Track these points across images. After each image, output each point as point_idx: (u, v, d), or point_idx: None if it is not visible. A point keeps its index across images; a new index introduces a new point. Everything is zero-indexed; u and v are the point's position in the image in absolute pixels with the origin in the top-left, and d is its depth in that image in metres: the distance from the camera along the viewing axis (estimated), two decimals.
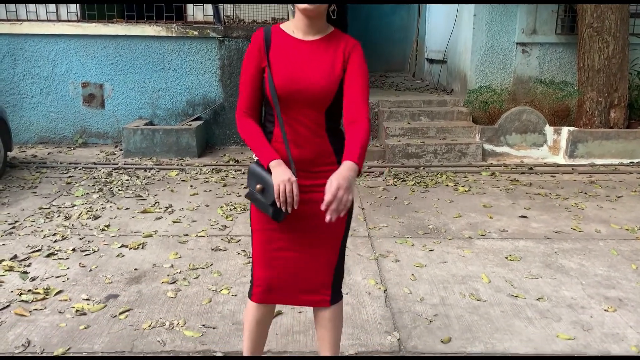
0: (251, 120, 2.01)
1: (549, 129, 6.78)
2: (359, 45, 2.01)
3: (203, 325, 2.96)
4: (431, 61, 9.66)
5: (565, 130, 6.71)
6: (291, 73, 1.91)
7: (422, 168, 6.42)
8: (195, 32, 7.25)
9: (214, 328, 2.94)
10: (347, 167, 1.80)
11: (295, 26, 1.98)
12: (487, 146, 6.77)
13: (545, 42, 7.44)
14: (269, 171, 1.92)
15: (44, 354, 2.67)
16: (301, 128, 1.97)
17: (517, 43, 7.42)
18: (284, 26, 2.01)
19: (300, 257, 2.04)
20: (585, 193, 5.49)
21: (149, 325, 2.95)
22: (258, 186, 1.95)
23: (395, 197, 5.32)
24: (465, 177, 6.11)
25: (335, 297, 2.15)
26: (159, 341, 2.80)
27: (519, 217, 4.78)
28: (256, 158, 2.02)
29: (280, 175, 1.86)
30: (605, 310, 3.17)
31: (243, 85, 2.01)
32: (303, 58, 1.93)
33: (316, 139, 1.99)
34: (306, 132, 1.98)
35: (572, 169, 6.39)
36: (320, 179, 1.96)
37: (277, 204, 1.87)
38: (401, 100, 7.60)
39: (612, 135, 6.64)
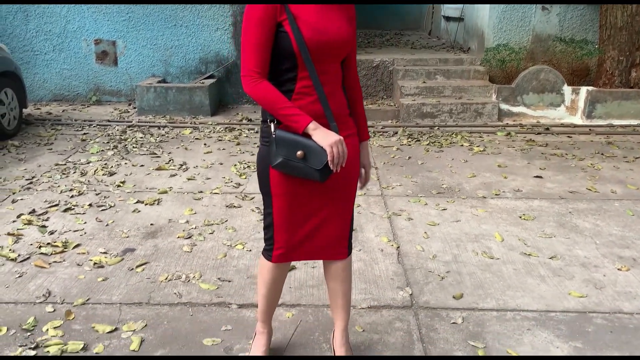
0: (268, 83, 1.84)
1: (567, 89, 6.64)
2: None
3: (218, 279, 3.01)
4: (448, 19, 9.44)
5: (583, 90, 6.57)
6: (317, 24, 1.83)
7: (436, 128, 6.36)
8: None
9: (229, 281, 2.99)
10: (367, 147, 2.18)
11: None
12: (504, 106, 6.67)
13: None
14: (305, 135, 1.85)
15: (65, 304, 2.74)
16: (328, 81, 1.91)
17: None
18: None
19: (322, 216, 2.04)
20: (602, 154, 5.42)
21: (166, 278, 3.00)
22: (299, 153, 1.85)
23: (409, 157, 5.29)
24: (480, 137, 6.05)
25: (350, 248, 2.18)
26: (175, 293, 2.86)
27: (534, 177, 4.74)
28: (274, 123, 1.91)
29: (329, 137, 1.81)
30: (618, 269, 3.17)
31: (254, 43, 1.82)
32: (321, 9, 1.87)
33: (339, 90, 1.98)
34: (331, 84, 1.93)
35: (590, 129, 6.29)
36: (342, 130, 1.98)
37: (331, 166, 1.83)
38: (417, 58, 7.47)
39: (632, 96, 6.49)
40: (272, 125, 1.90)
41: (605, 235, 3.61)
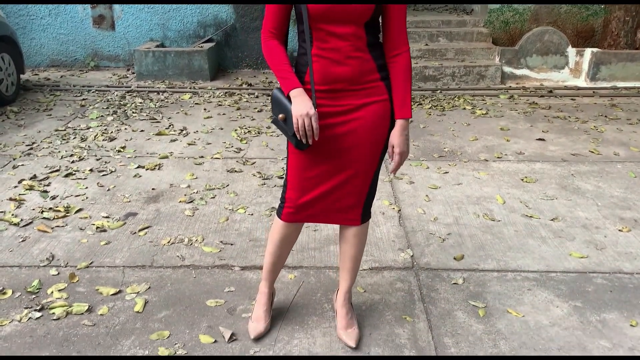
0: (276, 42, 1.90)
1: (571, 51, 6.54)
2: None
3: (221, 242, 3.03)
4: None
5: (588, 51, 6.47)
6: None
7: (439, 91, 6.30)
8: None
9: (231, 244, 3.00)
10: (403, 127, 1.96)
11: None
12: (507, 68, 6.58)
13: None
14: (290, 99, 1.87)
15: (68, 267, 2.76)
16: (341, 43, 1.85)
17: None
18: None
19: (336, 179, 2.01)
20: (606, 116, 5.37)
21: (168, 242, 3.02)
22: (281, 115, 1.90)
23: (411, 121, 5.25)
24: (483, 100, 5.99)
25: (365, 216, 2.15)
26: (178, 256, 2.88)
27: (537, 140, 4.71)
28: (277, 86, 2.01)
29: (299, 109, 1.82)
30: (619, 230, 3.18)
31: (272, 5, 1.88)
32: None
33: (357, 53, 1.87)
34: (347, 47, 1.85)
35: (593, 92, 6.22)
36: (362, 97, 1.92)
37: (297, 136, 1.86)
38: (419, 20, 7.34)
39: (637, 57, 6.40)
40: (277, 86, 1.98)
41: (607, 197, 3.60)
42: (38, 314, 2.39)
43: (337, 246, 2.96)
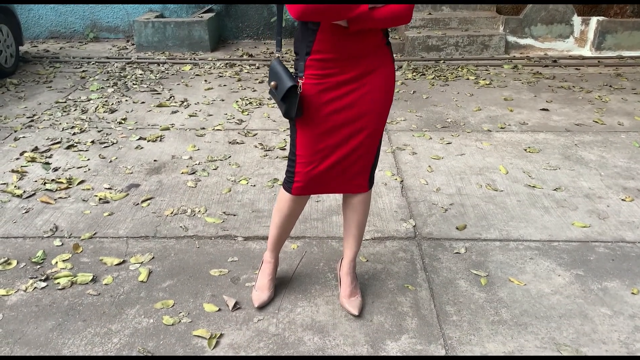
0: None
1: (576, 19, 6.44)
2: None
3: (224, 213, 3.03)
4: None
5: (594, 20, 6.37)
6: None
7: (442, 61, 6.23)
8: None
9: (234, 215, 3.01)
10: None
11: None
12: (511, 38, 6.49)
13: None
14: (285, 69, 1.92)
15: (72, 238, 2.77)
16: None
17: None
18: None
19: (345, 148, 2.01)
20: (610, 86, 5.31)
21: (171, 213, 3.02)
22: (272, 83, 1.95)
23: (414, 92, 5.21)
24: (486, 70, 5.92)
25: (371, 182, 2.17)
26: (181, 227, 2.89)
27: (540, 110, 4.68)
28: (277, 55, 2.01)
29: None
30: (622, 200, 3.17)
31: None
32: None
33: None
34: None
35: (598, 61, 6.14)
36: (369, 65, 1.91)
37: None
38: None
39: None
40: (277, 55, 1.96)
41: (611, 167, 3.59)
42: (43, 284, 2.41)
43: (339, 217, 2.97)
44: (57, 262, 2.57)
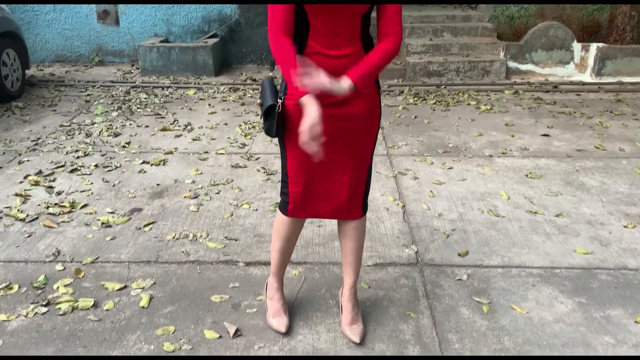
0: (286, 41, 1.84)
1: (576, 46, 6.51)
2: None
3: (225, 237, 3.04)
4: None
5: (593, 46, 6.43)
6: None
7: (443, 86, 6.28)
8: None
9: (236, 240, 3.01)
10: (341, 82, 1.83)
11: None
12: (511, 64, 6.56)
13: None
14: (272, 87, 1.96)
15: (74, 263, 2.77)
16: (338, 37, 1.87)
17: None
18: None
19: (336, 172, 2.04)
20: (611, 112, 5.35)
21: (173, 237, 3.03)
22: (258, 101, 2.00)
23: (415, 116, 5.25)
24: (487, 95, 5.97)
25: (365, 208, 2.18)
26: (183, 252, 2.89)
27: (542, 135, 4.70)
28: (270, 74, 2.07)
29: (307, 117, 1.78)
30: (624, 226, 3.17)
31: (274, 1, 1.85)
32: None
33: (351, 48, 1.89)
34: (341, 40, 1.88)
35: (599, 87, 6.19)
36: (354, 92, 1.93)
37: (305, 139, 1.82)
38: (423, 15, 7.31)
39: None
40: (270, 74, 2.01)
41: (612, 193, 3.59)
42: (44, 309, 2.41)
43: None
44: (58, 287, 2.57)
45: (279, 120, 1.94)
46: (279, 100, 1.95)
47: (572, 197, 3.54)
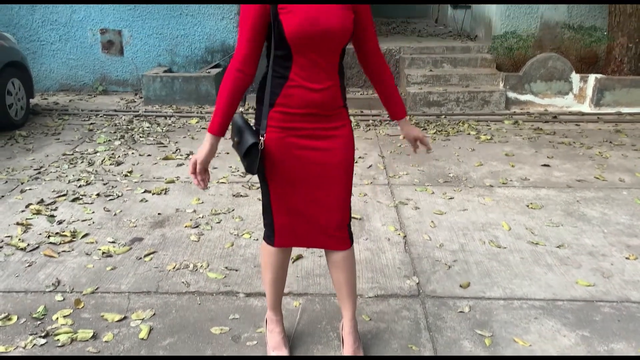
0: (236, 82, 1.90)
1: (575, 77, 6.58)
2: None
3: (226, 268, 3.03)
4: (455, 6, 9.36)
5: (592, 77, 6.51)
6: (309, 14, 1.83)
7: (443, 116, 6.34)
8: None
9: (236, 270, 3.00)
10: (409, 122, 2.30)
11: None
12: (511, 94, 6.63)
13: None
14: (247, 125, 1.97)
15: (74, 293, 2.76)
16: (319, 71, 1.92)
17: None
18: None
19: (319, 199, 2.06)
20: (611, 142, 5.38)
21: (174, 267, 3.02)
22: (235, 139, 2.00)
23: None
24: (487, 125, 6.01)
25: (351, 237, 2.19)
26: (183, 282, 2.88)
27: (542, 165, 4.72)
28: (240, 109, 2.11)
29: (197, 153, 1.95)
30: (626, 258, 3.16)
31: (245, 37, 1.87)
32: None
33: (331, 81, 1.96)
34: (322, 74, 1.93)
35: (598, 117, 6.24)
36: (332, 121, 2.02)
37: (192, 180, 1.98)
38: (423, 46, 7.42)
39: None
40: (241, 110, 2.05)
41: (613, 224, 3.59)
42: (43, 341, 2.39)
43: None
44: (57, 318, 2.56)
45: (260, 156, 1.95)
46: (261, 138, 1.95)
47: (573, 228, 3.54)
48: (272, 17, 1.84)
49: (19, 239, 3.32)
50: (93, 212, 3.73)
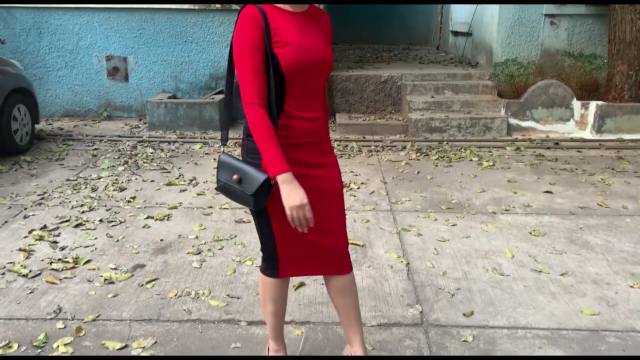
0: (266, 116, 1.85)
1: (576, 103, 6.63)
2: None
3: (228, 295, 3.01)
4: (456, 33, 9.48)
5: (593, 104, 6.55)
6: (303, 46, 1.89)
7: (445, 142, 6.36)
8: (218, 5, 7.21)
9: (238, 298, 2.99)
10: None
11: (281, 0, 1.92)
12: (512, 120, 6.66)
13: (574, 13, 7.23)
14: (241, 161, 1.95)
15: (75, 320, 2.75)
16: (313, 100, 1.99)
17: (545, 15, 7.23)
18: None
19: (320, 225, 2.04)
20: (613, 169, 5.38)
21: (175, 295, 3.01)
22: (235, 177, 1.92)
23: (418, 172, 5.29)
24: (489, 151, 6.04)
25: (351, 262, 2.20)
26: (184, 310, 2.86)
27: (544, 192, 4.72)
28: (224, 149, 2.18)
29: (292, 198, 1.82)
30: (630, 286, 3.14)
31: (252, 71, 1.84)
32: (305, 30, 1.93)
33: (321, 109, 2.05)
34: (316, 103, 2.01)
35: (600, 144, 6.26)
36: (323, 148, 2.08)
37: (292, 224, 1.88)
38: (425, 73, 7.50)
39: None
40: (223, 149, 2.13)
41: (617, 252, 3.58)
42: None
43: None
44: (58, 346, 2.54)
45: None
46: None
47: (577, 256, 3.52)
48: (268, 53, 1.86)
49: (21, 265, 3.31)
50: (96, 238, 3.73)
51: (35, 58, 7.43)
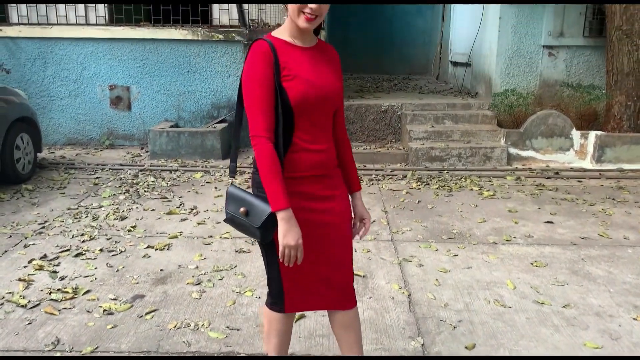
0: (273, 150, 1.86)
1: (575, 133, 6.67)
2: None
3: (227, 327, 2.99)
4: (455, 64, 9.60)
5: (592, 134, 6.59)
6: (312, 79, 1.92)
7: (446, 172, 6.38)
8: (221, 36, 7.33)
9: (238, 330, 2.96)
10: (361, 198, 2.23)
11: (291, 35, 1.95)
12: (512, 150, 6.69)
13: (572, 44, 7.34)
14: (250, 194, 1.96)
15: (73, 352, 2.72)
16: (321, 133, 2.01)
17: (543, 46, 7.34)
18: (280, 35, 1.96)
19: (328, 259, 2.06)
20: (613, 199, 5.39)
21: (175, 326, 2.99)
22: (242, 209, 1.93)
23: (419, 201, 5.29)
24: (489, 181, 6.05)
25: (355, 296, 2.19)
26: (184, 342, 2.84)
27: (545, 222, 4.72)
28: (231, 181, 2.16)
29: (287, 237, 1.84)
30: (634, 319, 3.11)
31: (261, 104, 1.86)
32: (314, 65, 1.96)
33: (330, 142, 2.06)
34: (324, 136, 2.02)
35: (600, 174, 6.28)
36: (332, 181, 2.08)
37: (280, 259, 1.89)
38: (425, 103, 7.57)
39: None
40: (231, 181, 2.12)
41: (619, 283, 3.56)
42: None
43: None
44: None
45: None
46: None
47: (579, 287, 3.50)
48: (277, 87, 1.89)
49: (20, 296, 3.30)
50: (95, 268, 3.72)
51: (39, 87, 7.51)
